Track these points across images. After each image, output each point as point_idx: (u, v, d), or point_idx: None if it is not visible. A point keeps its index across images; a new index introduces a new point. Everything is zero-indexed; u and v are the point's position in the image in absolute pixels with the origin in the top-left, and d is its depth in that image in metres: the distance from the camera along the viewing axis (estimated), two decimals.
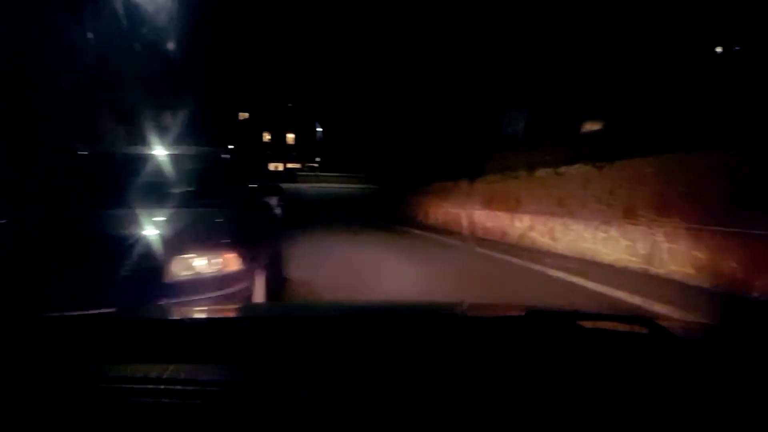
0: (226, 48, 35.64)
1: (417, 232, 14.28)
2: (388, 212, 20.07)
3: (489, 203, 11.96)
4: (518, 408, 0.90)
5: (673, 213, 6.32)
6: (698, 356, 1.11)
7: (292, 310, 2.14)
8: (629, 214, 7.12)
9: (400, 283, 5.85)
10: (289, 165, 51.98)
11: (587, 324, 1.23)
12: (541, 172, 9.67)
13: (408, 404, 0.91)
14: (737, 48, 8.92)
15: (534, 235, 9.79)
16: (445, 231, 13.82)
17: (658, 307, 4.92)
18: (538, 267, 7.53)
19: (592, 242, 7.98)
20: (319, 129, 46.55)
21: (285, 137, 58.19)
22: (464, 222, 13.40)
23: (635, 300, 5.31)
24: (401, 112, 22.60)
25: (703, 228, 5.82)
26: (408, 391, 0.95)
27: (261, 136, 56.53)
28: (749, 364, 1.05)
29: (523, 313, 1.35)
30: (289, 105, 54.84)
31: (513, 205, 10.65)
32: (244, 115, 54.82)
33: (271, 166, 52.25)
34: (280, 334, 1.28)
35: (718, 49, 9.50)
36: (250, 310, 2.12)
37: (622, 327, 1.32)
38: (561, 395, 0.93)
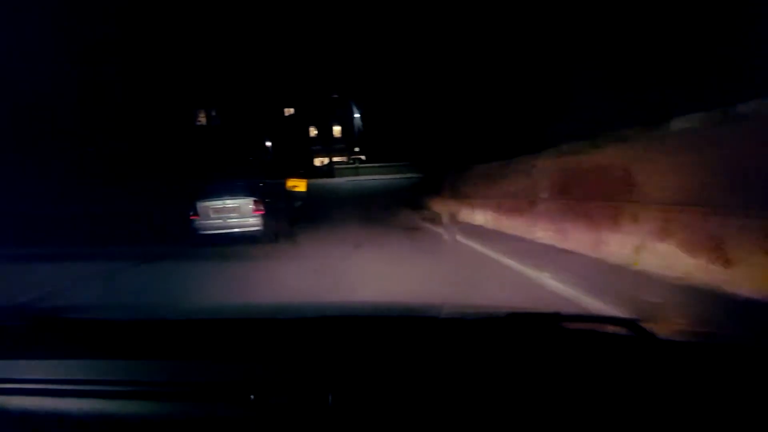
0: (268, 42, 33.52)
1: (447, 237, 9.56)
2: (425, 207, 15.51)
3: (563, 191, 7.07)
4: (499, 410, 0.91)
5: None
6: (681, 359, 1.07)
7: (264, 311, 1.98)
8: None
9: None
10: (336, 158, 49.48)
11: (569, 326, 1.23)
12: (689, 121, 4.61)
13: (386, 407, 0.92)
14: None
15: (664, 250, 4.81)
16: (494, 234, 9.06)
17: None
18: None
19: None
20: (356, 115, 42.88)
21: (332, 130, 55.85)
22: (523, 223, 8.54)
23: None
24: (448, 82, 18.08)
25: None
26: (386, 394, 0.95)
27: (307, 131, 54.46)
28: (733, 368, 1.01)
29: (503, 315, 1.28)
30: (334, 96, 52.20)
31: (614, 192, 5.72)
32: (289, 111, 53.09)
33: (317, 161, 49.96)
34: (250, 335, 1.26)
35: None
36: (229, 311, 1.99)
37: (604, 329, 1.28)
38: (542, 397, 0.93)
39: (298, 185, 19.12)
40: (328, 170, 38.14)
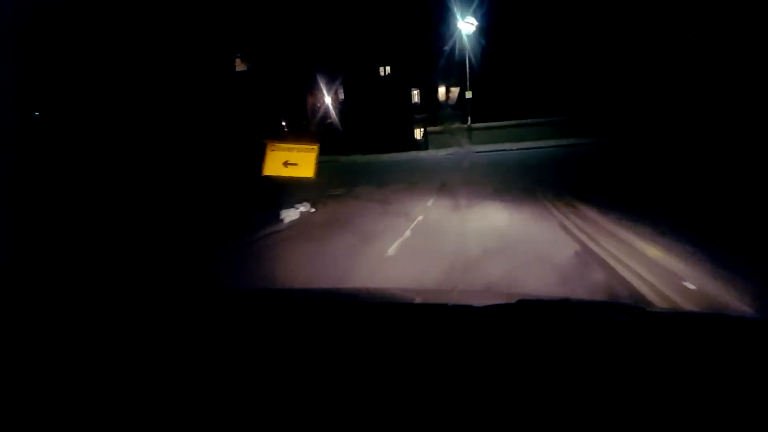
0: None
1: None
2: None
3: None
4: (507, 396, 0.90)
5: None
6: (688, 345, 1.09)
7: (273, 297, 1.94)
8: None
9: None
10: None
11: (578, 313, 1.24)
12: None
13: (396, 394, 0.92)
14: None
15: None
16: None
17: None
18: None
19: None
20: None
21: (438, 93, 44.37)
22: None
23: None
24: None
25: None
26: (396, 381, 0.95)
27: (409, 95, 43.56)
28: (737, 354, 1.02)
29: (513, 302, 1.29)
30: (445, 48, 40.32)
31: None
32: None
33: (417, 134, 39.67)
34: (257, 324, 1.29)
35: None
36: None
37: (612, 315, 1.28)
38: (550, 384, 0.93)
39: (299, 165, 6.66)
40: (423, 140, 27.87)
